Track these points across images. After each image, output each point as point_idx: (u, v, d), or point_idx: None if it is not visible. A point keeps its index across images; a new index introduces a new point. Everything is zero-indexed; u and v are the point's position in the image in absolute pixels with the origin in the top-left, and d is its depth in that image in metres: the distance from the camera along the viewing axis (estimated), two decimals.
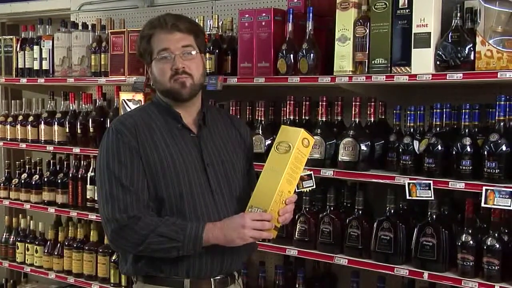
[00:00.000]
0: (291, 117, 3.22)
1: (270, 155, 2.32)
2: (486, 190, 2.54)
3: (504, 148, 2.56)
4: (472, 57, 2.64)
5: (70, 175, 4.13)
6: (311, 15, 3.06)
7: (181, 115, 2.36)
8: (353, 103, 3.02)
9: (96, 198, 3.90)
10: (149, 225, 2.20)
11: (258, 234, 2.22)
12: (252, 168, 2.57)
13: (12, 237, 4.54)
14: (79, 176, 4.08)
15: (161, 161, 2.28)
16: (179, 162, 2.29)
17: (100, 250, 4.00)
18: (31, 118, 4.32)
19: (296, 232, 3.17)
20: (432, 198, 2.72)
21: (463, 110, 2.71)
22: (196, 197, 2.28)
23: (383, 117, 3.11)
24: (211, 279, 2.34)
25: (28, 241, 4.42)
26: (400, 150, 2.84)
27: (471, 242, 2.66)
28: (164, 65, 2.31)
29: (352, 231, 2.99)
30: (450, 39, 2.68)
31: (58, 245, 4.24)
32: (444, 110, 2.77)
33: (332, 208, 3.10)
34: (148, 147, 2.29)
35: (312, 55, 3.05)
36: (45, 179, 4.27)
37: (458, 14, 2.68)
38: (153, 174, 2.27)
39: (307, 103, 3.22)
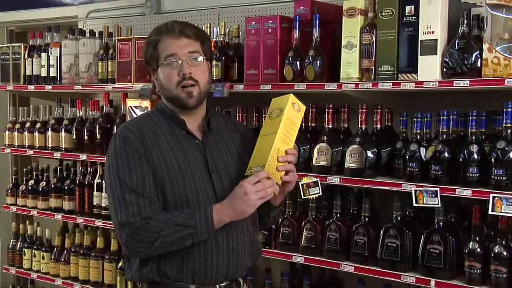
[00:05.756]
0: None
1: (264, 124, 2.39)
2: (494, 197, 2.53)
3: (511, 155, 2.55)
4: (479, 64, 2.63)
5: (77, 181, 4.15)
6: (317, 22, 3.06)
7: (185, 122, 2.37)
8: (360, 110, 3.02)
9: (103, 205, 3.94)
10: (161, 221, 2.21)
11: (264, 193, 2.20)
12: None
13: (19, 243, 4.56)
14: (86, 182, 4.09)
15: (168, 167, 2.28)
16: (184, 168, 2.29)
17: (107, 257, 4.00)
18: (38, 125, 4.35)
19: (303, 239, 3.17)
20: (439, 205, 2.71)
21: (470, 117, 2.70)
22: (202, 202, 2.28)
23: (389, 124, 3.11)
24: (216, 285, 2.33)
25: (35, 247, 4.44)
26: (407, 157, 2.83)
27: (478, 249, 2.65)
28: (171, 70, 2.32)
29: (359, 238, 2.98)
30: (456, 46, 2.67)
31: (65, 251, 4.26)
32: (451, 117, 2.77)
33: (338, 215, 3.09)
34: (154, 153, 2.29)
35: (318, 62, 3.05)
36: (52, 186, 4.29)
37: (465, 21, 2.67)
38: (159, 180, 2.27)
39: (314, 110, 3.22)
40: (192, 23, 2.44)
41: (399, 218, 2.89)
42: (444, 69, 2.71)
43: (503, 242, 2.62)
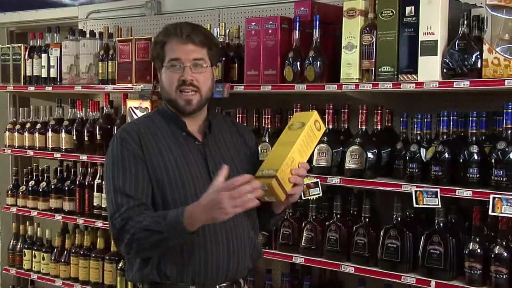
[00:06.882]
0: None
1: (282, 133, 2.37)
2: (494, 198, 2.53)
3: (511, 156, 2.55)
4: (479, 65, 2.63)
5: (77, 182, 4.15)
6: (317, 23, 3.06)
7: (186, 123, 2.37)
8: (360, 110, 3.02)
9: (103, 205, 3.95)
10: (136, 222, 2.18)
11: (240, 202, 2.02)
12: None
13: (19, 244, 4.56)
14: (86, 183, 4.09)
15: (167, 168, 2.29)
16: (184, 170, 2.30)
17: (107, 258, 4.00)
18: (38, 126, 4.35)
19: (303, 239, 3.17)
20: (439, 206, 2.71)
21: (470, 118, 2.70)
22: None
23: (389, 124, 3.11)
24: (217, 286, 2.33)
25: (35, 248, 4.44)
26: (407, 158, 2.83)
27: (479, 250, 2.65)
28: (172, 74, 2.32)
29: (359, 239, 2.98)
30: (457, 47, 2.68)
31: (65, 252, 4.26)
32: (451, 118, 2.77)
33: (338, 216, 3.09)
34: (153, 155, 2.30)
35: (318, 62, 3.05)
36: (52, 186, 4.29)
37: (465, 22, 2.67)
38: (159, 182, 2.28)
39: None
40: (202, 27, 2.41)
41: (399, 219, 2.89)
42: (444, 70, 2.71)
43: (503, 243, 2.62)
